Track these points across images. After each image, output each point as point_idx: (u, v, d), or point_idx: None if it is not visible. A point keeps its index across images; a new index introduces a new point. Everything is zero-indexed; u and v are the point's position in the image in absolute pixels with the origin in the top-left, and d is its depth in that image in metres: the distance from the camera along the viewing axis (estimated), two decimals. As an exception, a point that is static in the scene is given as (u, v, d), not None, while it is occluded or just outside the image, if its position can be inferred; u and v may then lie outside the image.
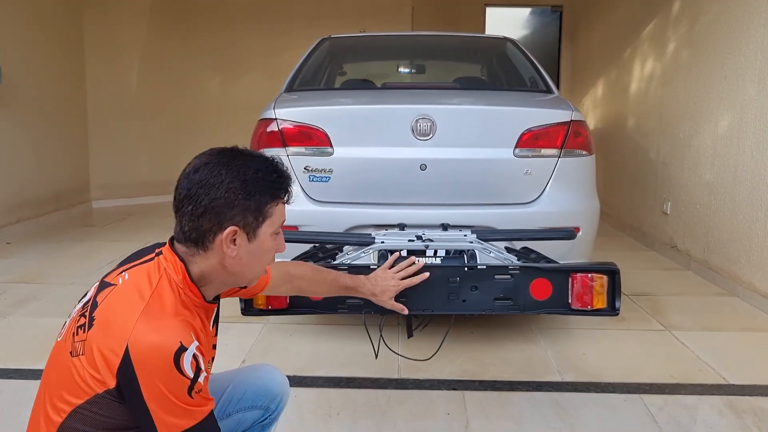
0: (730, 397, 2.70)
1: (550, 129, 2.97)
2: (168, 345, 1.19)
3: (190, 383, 1.20)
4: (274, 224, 1.36)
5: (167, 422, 1.20)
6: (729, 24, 4.34)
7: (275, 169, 1.36)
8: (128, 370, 1.17)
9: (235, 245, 1.32)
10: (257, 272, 1.42)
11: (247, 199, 1.30)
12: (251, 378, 1.72)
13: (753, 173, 4.00)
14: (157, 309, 1.25)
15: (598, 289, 2.04)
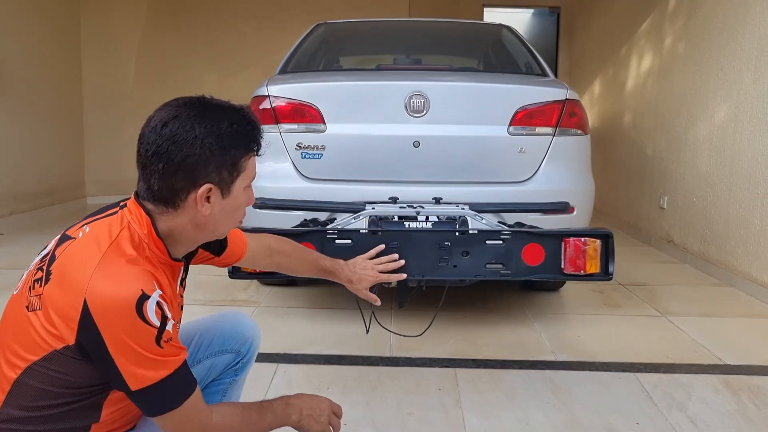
0: (726, 376, 2.66)
1: (544, 107, 2.95)
2: (128, 293, 1.12)
3: (157, 332, 1.14)
4: (248, 178, 1.31)
5: (138, 375, 1.14)
6: (725, 15, 4.33)
7: (248, 121, 1.28)
8: (89, 324, 1.11)
9: (209, 203, 1.26)
10: (229, 228, 1.38)
11: (223, 154, 1.23)
12: (220, 323, 1.68)
13: (750, 162, 3.98)
14: (115, 259, 1.17)
15: (591, 253, 2.01)
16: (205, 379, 1.65)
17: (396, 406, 2.36)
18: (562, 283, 3.80)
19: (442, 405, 2.37)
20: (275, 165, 2.96)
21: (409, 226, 2.13)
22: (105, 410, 1.25)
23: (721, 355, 2.89)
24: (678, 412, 2.34)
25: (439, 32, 3.97)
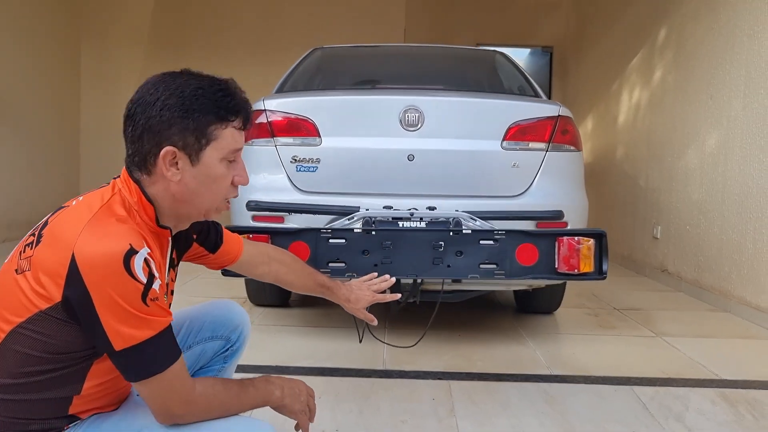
0: (722, 390, 2.63)
1: (537, 123, 2.99)
2: (116, 247, 1.12)
3: (144, 288, 1.13)
4: (222, 149, 1.25)
5: (122, 333, 1.12)
6: (713, 44, 4.43)
7: (221, 88, 1.25)
8: (76, 279, 1.10)
9: (177, 169, 1.24)
10: (210, 202, 1.30)
11: (184, 117, 1.21)
12: (210, 310, 1.67)
13: (741, 187, 4.01)
14: (105, 218, 1.18)
15: (585, 252, 2.01)
16: (195, 365, 1.64)
17: (389, 414, 2.32)
18: (557, 306, 3.78)
19: (435, 413, 2.33)
20: (270, 177, 2.97)
21: (403, 226, 2.13)
22: (88, 382, 1.23)
23: (718, 371, 2.86)
24: (675, 422, 2.31)
25: (434, 57, 4.04)
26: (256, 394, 1.35)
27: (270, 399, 1.38)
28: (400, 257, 2.01)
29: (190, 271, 4.83)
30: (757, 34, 3.91)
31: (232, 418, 1.28)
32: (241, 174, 1.31)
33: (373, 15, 7.89)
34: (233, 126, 1.26)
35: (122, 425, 1.25)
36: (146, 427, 1.24)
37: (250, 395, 1.33)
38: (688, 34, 4.84)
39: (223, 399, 1.27)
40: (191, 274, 4.67)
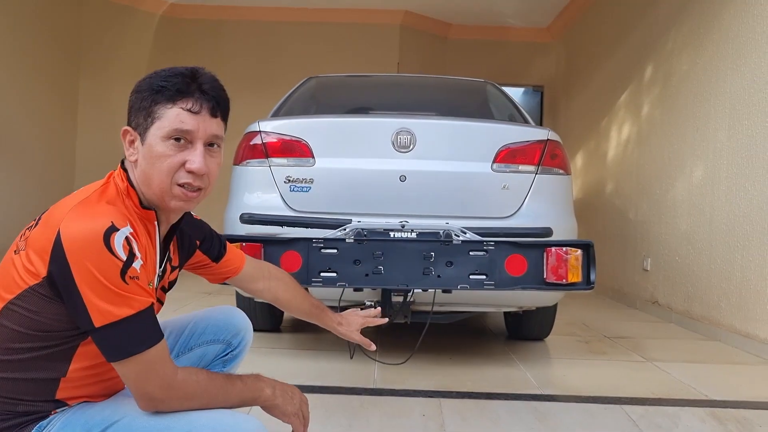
0: (712, 409, 2.63)
1: (527, 147, 3.05)
2: (98, 224, 1.16)
3: (123, 265, 1.16)
4: (163, 127, 1.26)
5: (101, 309, 1.15)
6: (698, 79, 4.55)
7: (177, 72, 1.30)
8: (59, 254, 1.14)
9: (133, 148, 1.30)
10: (159, 183, 1.29)
11: (137, 99, 1.29)
12: (213, 314, 1.69)
13: (728, 216, 4.07)
14: (93, 200, 1.24)
15: (572, 262, 2.04)
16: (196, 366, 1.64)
17: (378, 429, 2.31)
18: (548, 332, 3.79)
19: (425, 428, 2.33)
20: (264, 197, 3.00)
21: (394, 236, 2.16)
22: (74, 364, 1.25)
23: (707, 392, 2.87)
24: (665, 438, 2.31)
25: (426, 86, 4.13)
26: (243, 388, 1.34)
27: (260, 396, 1.36)
28: (391, 267, 2.04)
29: (182, 298, 4.82)
30: (740, 68, 4.02)
31: (217, 410, 1.27)
32: (193, 159, 1.29)
33: (368, 54, 8.06)
34: (181, 107, 1.27)
35: (107, 412, 1.26)
36: (128, 415, 1.24)
37: (236, 389, 1.32)
38: (674, 69, 4.98)
39: (207, 387, 1.27)
40: (182, 302, 4.66)
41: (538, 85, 8.71)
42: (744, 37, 4.00)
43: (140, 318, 1.18)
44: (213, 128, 1.32)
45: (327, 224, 2.49)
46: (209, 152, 1.32)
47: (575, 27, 7.83)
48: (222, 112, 1.35)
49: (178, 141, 1.28)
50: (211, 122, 1.31)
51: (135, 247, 1.20)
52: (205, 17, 8.19)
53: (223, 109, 1.35)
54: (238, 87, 7.93)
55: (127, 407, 1.26)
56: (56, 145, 7.12)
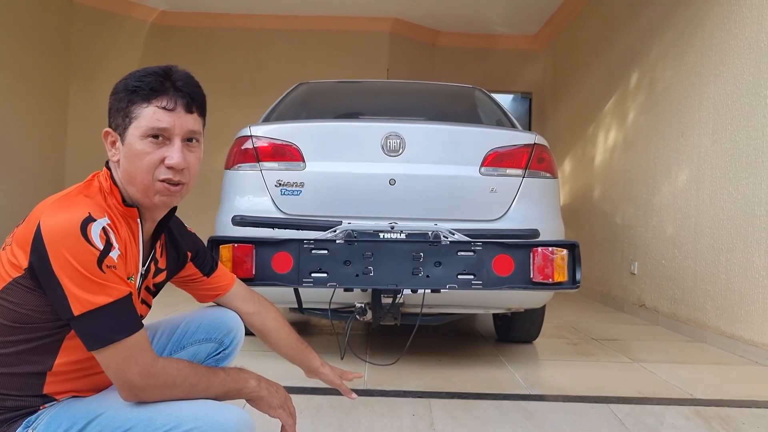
0: (697, 407, 2.68)
1: (514, 150, 3.10)
2: (75, 215, 1.20)
3: (100, 254, 1.19)
4: (141, 126, 1.29)
5: (79, 297, 1.18)
6: (683, 85, 4.63)
7: (151, 71, 1.33)
8: (39, 244, 1.18)
9: (115, 148, 1.34)
10: (141, 181, 1.32)
11: (119, 100, 1.32)
12: (206, 313, 1.71)
13: (713, 219, 4.14)
14: (73, 195, 1.28)
15: (558, 262, 2.08)
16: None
17: (368, 428, 2.34)
18: (536, 335, 3.83)
19: (415, 427, 2.36)
20: (255, 200, 3.04)
21: (384, 237, 2.20)
22: (60, 358, 1.28)
23: (692, 392, 2.92)
24: (650, 435, 2.35)
25: (415, 92, 4.18)
26: (226, 379, 1.35)
27: (245, 387, 1.38)
28: (381, 268, 2.08)
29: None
30: (723, 74, 4.10)
31: (201, 401, 1.29)
32: (171, 155, 1.32)
33: (357, 61, 8.12)
34: (156, 105, 1.30)
35: (92, 405, 1.28)
36: (112, 407, 1.26)
37: (219, 378, 1.34)
38: (659, 76, 5.05)
39: (188, 376, 1.28)
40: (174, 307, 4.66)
41: (526, 92, 8.80)
42: (726, 44, 4.08)
43: (118, 306, 1.21)
44: (189, 124, 1.34)
45: (317, 226, 2.52)
46: (188, 147, 1.35)
47: (562, 35, 7.92)
48: (198, 108, 1.37)
49: (156, 138, 1.31)
50: (187, 118, 1.34)
51: (112, 238, 1.23)
52: (195, 25, 8.22)
53: (199, 105, 1.37)
54: (229, 94, 7.97)
55: (111, 400, 1.28)
56: (47, 152, 7.12)
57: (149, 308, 1.54)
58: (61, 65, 7.39)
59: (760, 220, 3.64)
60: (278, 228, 2.59)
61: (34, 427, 1.25)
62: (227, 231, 2.79)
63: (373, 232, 2.30)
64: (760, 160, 3.66)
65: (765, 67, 3.66)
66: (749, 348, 3.67)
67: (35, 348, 1.25)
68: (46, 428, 1.24)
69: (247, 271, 2.09)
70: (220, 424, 1.22)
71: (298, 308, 2.70)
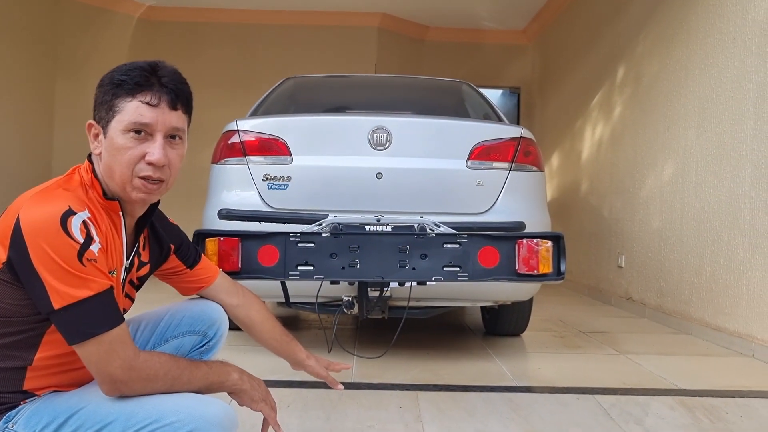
0: (681, 398, 2.70)
1: (500, 144, 3.11)
2: (55, 208, 1.19)
3: (80, 248, 1.19)
4: (123, 120, 1.29)
5: (60, 291, 1.17)
6: (668, 79, 4.66)
7: (136, 66, 1.32)
8: (18, 238, 1.17)
9: (97, 141, 1.33)
10: (120, 175, 1.32)
11: (103, 94, 1.32)
12: (189, 306, 1.70)
13: (698, 212, 4.17)
14: (53, 188, 1.27)
15: (543, 253, 2.10)
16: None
17: (356, 421, 2.35)
18: (524, 328, 3.85)
19: (402, 419, 2.37)
20: (242, 194, 3.03)
21: (370, 230, 2.21)
22: (39, 353, 1.27)
23: (677, 382, 2.94)
24: (635, 425, 2.37)
25: (403, 86, 4.18)
26: (209, 372, 1.35)
27: (227, 380, 1.38)
28: (367, 260, 2.08)
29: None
30: (708, 68, 4.13)
31: (183, 395, 1.29)
32: (152, 151, 1.31)
33: (345, 56, 8.10)
34: (140, 100, 1.30)
35: (73, 400, 1.27)
36: (93, 401, 1.26)
37: (201, 371, 1.33)
38: (645, 70, 5.08)
39: (170, 369, 1.28)
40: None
41: (514, 87, 8.82)
42: (712, 38, 4.11)
43: (99, 299, 1.20)
44: (173, 120, 1.33)
45: (304, 219, 2.52)
46: (170, 144, 1.34)
47: (550, 30, 7.95)
48: (183, 105, 1.36)
49: (138, 134, 1.30)
50: (171, 114, 1.33)
51: (93, 231, 1.23)
52: (182, 20, 8.18)
53: (184, 102, 1.36)
54: (217, 89, 7.94)
55: (92, 395, 1.28)
56: (33, 147, 7.07)
57: (132, 302, 1.54)
58: (46, 61, 7.33)
59: (744, 212, 3.67)
60: (265, 222, 2.59)
61: (15, 422, 1.24)
62: (214, 225, 2.79)
63: (360, 225, 2.31)
64: (744, 153, 3.69)
65: (749, 60, 3.69)
66: (734, 339, 3.70)
67: (15, 342, 1.25)
68: (26, 423, 1.24)
69: (233, 265, 2.09)
70: (202, 417, 1.22)
71: (286, 302, 2.70)
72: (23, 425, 1.24)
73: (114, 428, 1.21)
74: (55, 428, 1.23)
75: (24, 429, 1.24)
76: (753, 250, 3.58)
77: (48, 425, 1.23)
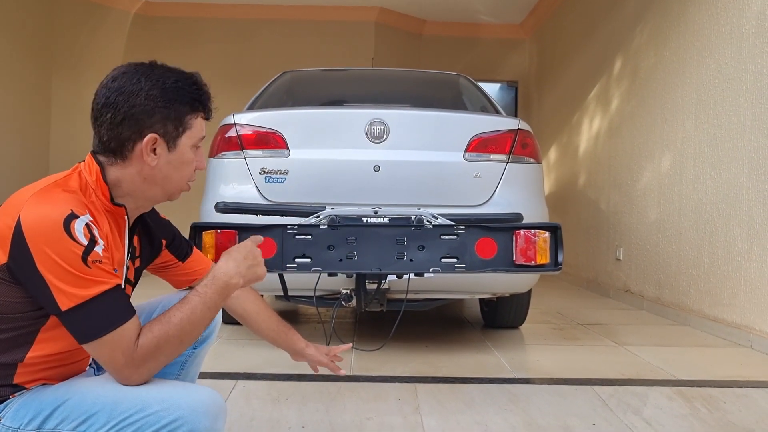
0: (679, 388, 2.71)
1: (498, 136, 3.11)
2: (58, 211, 1.18)
3: (84, 251, 1.18)
4: (194, 137, 1.37)
5: (66, 293, 1.17)
6: (665, 71, 4.65)
7: (194, 81, 1.38)
8: (19, 240, 1.17)
9: (155, 154, 1.32)
10: (177, 184, 1.39)
11: (166, 107, 1.31)
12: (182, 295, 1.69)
13: (696, 204, 4.18)
14: (53, 189, 1.25)
15: (541, 244, 2.10)
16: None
17: (355, 413, 2.35)
18: (522, 321, 3.86)
19: (401, 411, 2.37)
20: (239, 188, 3.03)
21: (367, 222, 2.21)
22: (32, 352, 1.26)
23: (675, 373, 2.95)
24: (633, 415, 2.38)
25: (400, 80, 4.18)
26: (208, 297, 1.31)
27: (229, 291, 1.35)
28: (365, 252, 2.08)
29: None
30: (705, 60, 4.12)
31: (169, 382, 1.29)
32: (201, 160, 1.43)
33: (343, 50, 8.08)
34: (201, 116, 1.40)
35: (60, 391, 1.27)
36: (78, 392, 1.25)
37: (199, 307, 1.29)
38: (642, 63, 5.08)
39: (169, 333, 1.25)
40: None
41: (512, 80, 8.81)
42: (709, 29, 4.10)
43: (106, 298, 1.20)
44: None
45: (301, 212, 2.52)
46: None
47: (547, 23, 7.94)
48: None
49: (197, 147, 1.41)
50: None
51: (96, 233, 1.22)
52: (179, 15, 8.16)
53: None
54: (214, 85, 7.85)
55: (78, 386, 1.27)
56: (29, 144, 7.06)
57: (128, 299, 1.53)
58: (43, 57, 7.31)
59: (741, 203, 3.68)
60: (262, 214, 2.58)
61: (3, 416, 1.24)
62: (211, 218, 2.79)
63: (357, 217, 2.31)
64: (741, 144, 3.69)
65: (746, 51, 3.69)
66: (732, 330, 3.71)
67: (8, 339, 1.24)
68: (14, 416, 1.23)
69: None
70: (189, 405, 1.21)
71: (284, 295, 2.70)
72: (10, 419, 1.23)
73: (99, 419, 1.21)
74: (42, 420, 1.23)
75: (11, 422, 1.23)
76: (751, 241, 3.58)
77: (34, 418, 1.23)
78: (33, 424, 1.23)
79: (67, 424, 1.22)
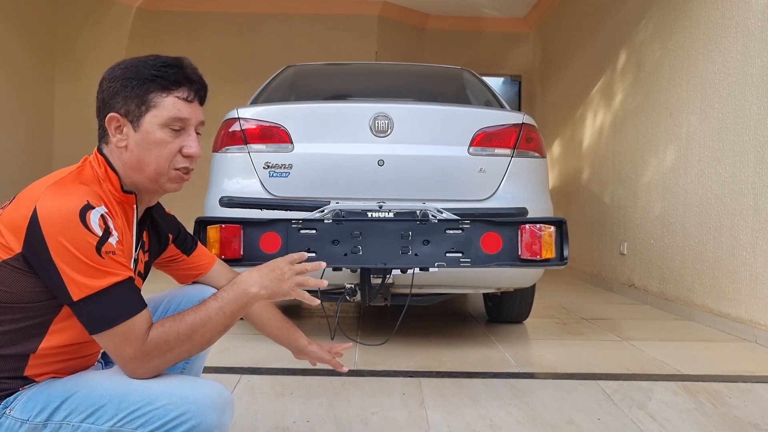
0: (684, 383, 2.71)
1: (502, 130, 3.10)
2: (74, 202, 1.20)
3: (98, 241, 1.19)
4: (162, 116, 1.32)
5: (79, 283, 1.18)
6: (671, 65, 4.63)
7: (166, 62, 1.35)
8: (35, 231, 1.17)
9: (122, 134, 1.33)
10: (155, 168, 1.35)
11: (125, 86, 1.31)
12: (187, 290, 1.69)
13: (701, 198, 4.16)
14: (69, 181, 1.26)
15: (546, 239, 2.09)
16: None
17: (359, 407, 2.35)
18: (526, 315, 3.85)
19: (405, 405, 2.37)
20: (243, 182, 3.03)
21: (372, 216, 2.20)
22: (45, 342, 1.26)
23: (680, 368, 2.95)
24: (638, 410, 2.37)
25: (404, 74, 4.17)
26: (224, 303, 1.32)
27: (246, 299, 1.34)
28: (369, 246, 2.08)
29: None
30: (710, 53, 4.10)
31: (176, 377, 1.29)
32: (190, 144, 1.36)
33: (346, 45, 8.06)
34: (176, 96, 1.33)
35: (68, 384, 1.27)
36: (86, 385, 1.25)
37: (214, 310, 1.30)
38: (646, 57, 5.06)
39: (180, 330, 1.25)
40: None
41: (516, 74, 8.79)
42: (714, 23, 4.08)
43: (118, 289, 1.20)
44: (201, 115, 1.40)
45: (306, 207, 2.51)
46: (197, 137, 1.40)
47: (551, 17, 7.90)
48: (204, 100, 1.43)
49: (174, 128, 1.34)
50: (200, 110, 1.40)
51: (111, 225, 1.23)
52: (182, 9, 8.14)
53: (205, 97, 1.43)
54: (217, 79, 7.87)
55: (86, 379, 1.28)
56: (33, 137, 7.06)
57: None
58: (46, 51, 7.31)
59: (746, 198, 3.66)
60: (266, 209, 2.58)
61: (12, 408, 1.24)
62: (215, 213, 2.79)
63: (361, 212, 2.31)
64: (746, 138, 3.67)
65: (752, 45, 3.66)
66: (737, 325, 3.70)
67: (21, 329, 1.24)
68: (22, 408, 1.24)
69: (235, 252, 2.08)
70: (196, 399, 1.21)
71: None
72: (19, 411, 1.24)
73: (106, 411, 1.21)
74: (50, 413, 1.23)
75: (20, 415, 1.24)
76: (756, 235, 3.57)
77: (42, 410, 1.23)
78: (42, 416, 1.23)
79: (75, 416, 1.22)
